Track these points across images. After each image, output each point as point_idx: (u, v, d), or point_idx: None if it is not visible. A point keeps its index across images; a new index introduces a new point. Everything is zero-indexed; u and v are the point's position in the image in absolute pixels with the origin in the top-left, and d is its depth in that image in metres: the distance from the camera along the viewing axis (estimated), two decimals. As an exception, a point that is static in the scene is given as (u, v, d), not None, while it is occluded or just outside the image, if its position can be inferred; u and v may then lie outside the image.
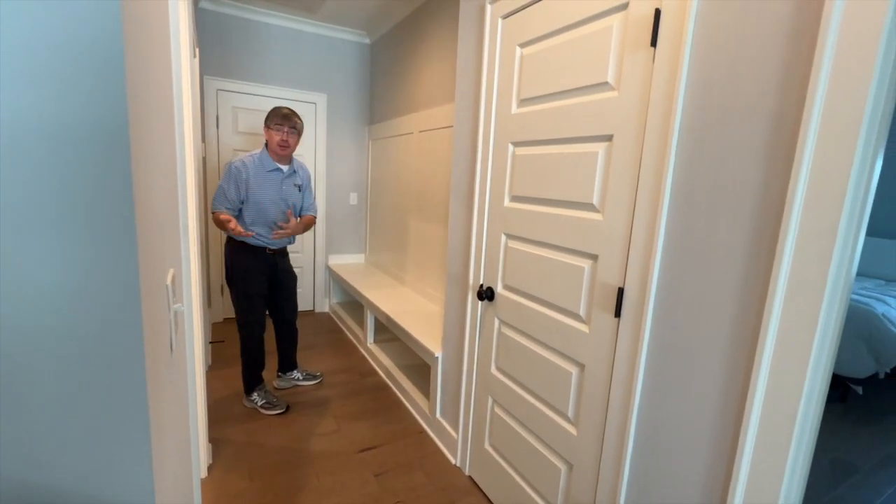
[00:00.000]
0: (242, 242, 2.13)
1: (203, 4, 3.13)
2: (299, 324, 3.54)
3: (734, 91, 0.88)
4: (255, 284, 2.19)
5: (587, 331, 1.24)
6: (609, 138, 1.15)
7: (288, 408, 2.31)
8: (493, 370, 1.68)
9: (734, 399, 0.90)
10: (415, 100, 3.08)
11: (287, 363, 2.57)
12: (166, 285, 0.63)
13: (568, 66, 1.26)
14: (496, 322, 1.64)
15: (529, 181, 1.44)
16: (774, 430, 0.83)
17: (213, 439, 2.02)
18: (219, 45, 3.24)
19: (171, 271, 0.70)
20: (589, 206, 1.22)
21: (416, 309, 2.79)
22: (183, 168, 0.96)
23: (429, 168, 2.89)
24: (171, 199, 0.76)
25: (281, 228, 2.15)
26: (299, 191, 2.25)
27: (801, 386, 0.79)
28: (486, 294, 1.65)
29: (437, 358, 2.07)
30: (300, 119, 2.18)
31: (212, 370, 2.72)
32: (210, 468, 1.83)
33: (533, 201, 1.43)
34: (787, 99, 0.80)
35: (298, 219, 2.27)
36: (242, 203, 2.09)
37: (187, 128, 1.52)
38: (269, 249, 2.22)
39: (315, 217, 2.36)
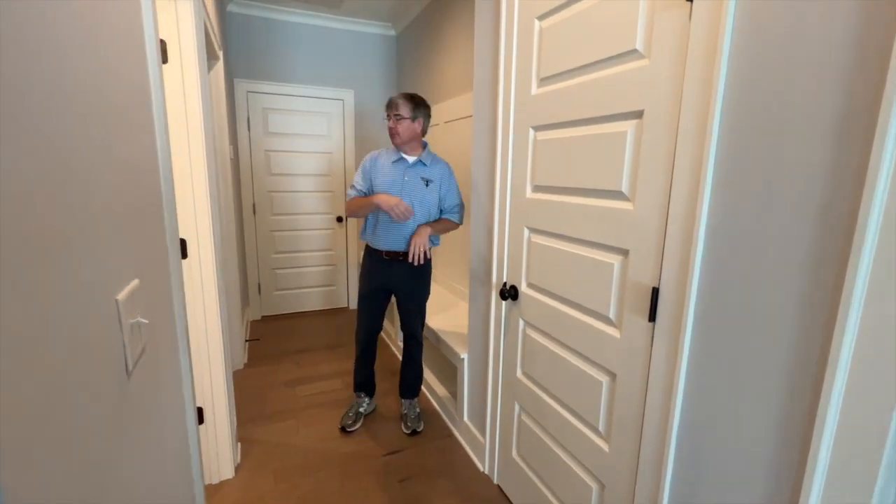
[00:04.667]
0: (367, 245, 2.06)
1: (231, 8, 3.17)
2: (334, 322, 3.58)
3: (796, 46, 0.70)
4: (365, 288, 2.07)
5: (618, 336, 1.10)
6: (639, 115, 0.99)
7: (350, 430, 2.12)
8: (519, 375, 1.55)
9: (798, 423, 0.73)
10: (439, 89, 2.97)
11: (403, 386, 2.21)
12: (115, 300, 0.57)
13: (590, 35, 1.11)
14: (521, 323, 1.52)
15: (552, 169, 1.30)
16: (852, 465, 0.66)
17: (242, 438, 2.04)
18: (247, 48, 3.28)
19: (132, 283, 0.64)
20: (617, 195, 1.07)
21: (445, 305, 2.70)
22: (168, 170, 0.91)
23: (454, 159, 2.78)
24: (138, 205, 0.70)
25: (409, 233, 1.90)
26: (426, 185, 1.94)
27: (887, 413, 0.62)
28: (510, 293, 1.52)
29: (462, 359, 1.97)
30: (407, 100, 1.87)
31: (247, 368, 2.77)
32: (237, 468, 1.84)
33: (556, 191, 1.29)
34: (867, 54, 0.62)
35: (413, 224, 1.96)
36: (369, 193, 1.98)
37: (195, 130, 1.50)
38: (386, 254, 1.99)
39: (456, 224, 2.03)
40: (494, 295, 1.64)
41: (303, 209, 3.63)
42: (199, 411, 1.68)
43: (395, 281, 2.03)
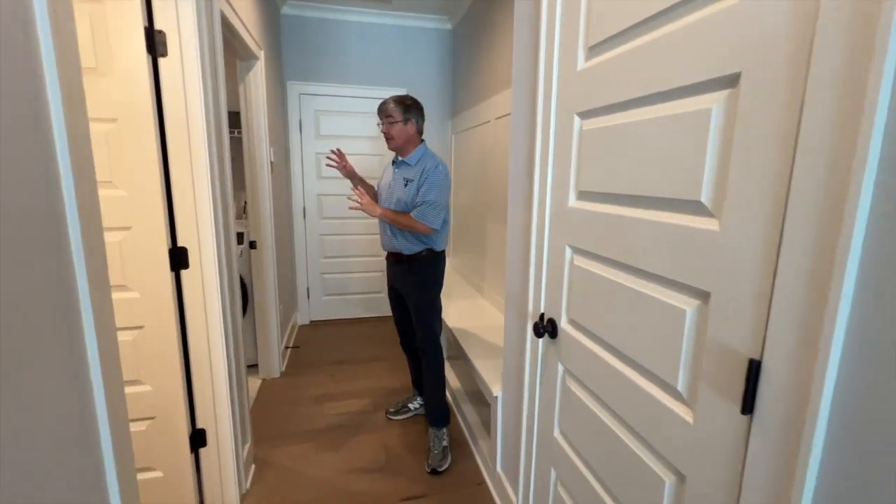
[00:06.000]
0: None
1: (285, 10, 3.15)
2: (378, 331, 3.40)
3: None
4: (387, 284, 2.15)
5: (690, 420, 0.73)
6: (732, 81, 0.63)
7: (392, 418, 2.26)
8: (557, 434, 1.21)
9: None
10: (492, 82, 2.67)
11: (425, 410, 2.07)
12: None
13: (658, -29, 0.75)
14: (559, 369, 1.18)
15: (601, 169, 0.95)
16: None
17: (258, 459, 1.90)
18: (300, 50, 3.24)
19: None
20: (694, 207, 0.70)
21: (489, 327, 2.39)
22: (77, 171, 0.74)
23: (503, 160, 2.46)
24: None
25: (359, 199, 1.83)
26: (405, 185, 1.86)
27: None
28: (546, 329, 1.19)
29: (496, 398, 1.65)
30: (397, 103, 1.83)
31: (283, 377, 2.69)
32: (244, 496, 1.70)
33: (606, 199, 0.94)
34: None
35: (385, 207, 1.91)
36: None
37: (196, 129, 1.36)
38: (388, 254, 2.03)
39: (416, 222, 1.82)
40: (530, 328, 1.31)
41: (351, 213, 3.52)
42: (201, 434, 1.56)
43: (396, 280, 2.04)
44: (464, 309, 2.67)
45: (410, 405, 2.30)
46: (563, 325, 1.14)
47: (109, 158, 1.29)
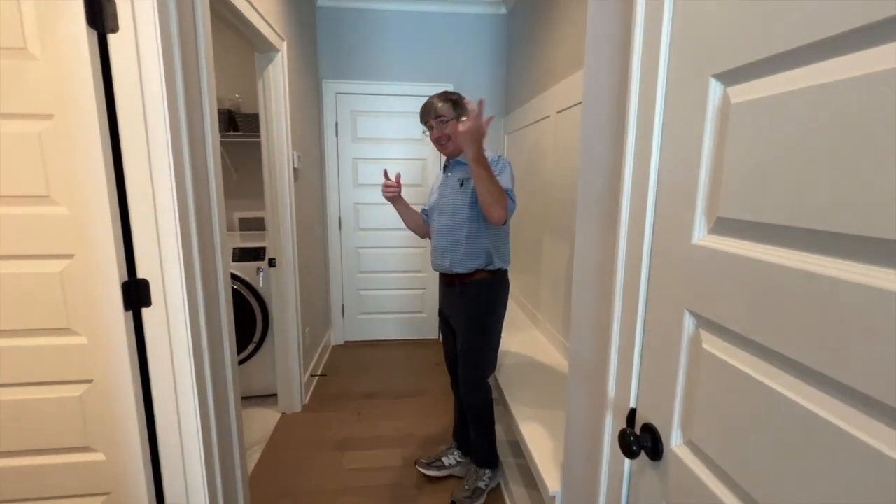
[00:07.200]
0: None
1: (320, 2, 2.88)
2: (415, 357, 3.00)
3: None
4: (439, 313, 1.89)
5: None
6: None
7: (423, 472, 1.88)
8: None
9: None
10: (552, 70, 2.19)
11: (459, 437, 1.93)
12: None
13: None
14: (664, 514, 0.69)
15: (780, 176, 0.47)
16: None
17: (256, 528, 1.57)
18: (336, 45, 2.96)
19: None
20: None
21: (544, 369, 1.91)
22: None
23: (566, 163, 1.97)
24: None
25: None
26: (460, 186, 1.60)
27: None
28: (643, 444, 0.71)
29: (552, 497, 1.18)
30: (441, 100, 1.59)
31: (304, 412, 2.37)
32: (228, 586, 1.36)
33: (792, 238, 0.46)
34: None
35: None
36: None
37: (156, 126, 1.04)
38: (441, 276, 1.76)
39: (503, 195, 1.51)
40: (609, 422, 0.84)
41: (390, 224, 3.18)
42: (170, 513, 1.23)
43: (447, 305, 1.76)
44: (513, 342, 2.21)
45: (445, 459, 1.90)
46: (676, 445, 0.66)
47: (45, 166, 1.00)
